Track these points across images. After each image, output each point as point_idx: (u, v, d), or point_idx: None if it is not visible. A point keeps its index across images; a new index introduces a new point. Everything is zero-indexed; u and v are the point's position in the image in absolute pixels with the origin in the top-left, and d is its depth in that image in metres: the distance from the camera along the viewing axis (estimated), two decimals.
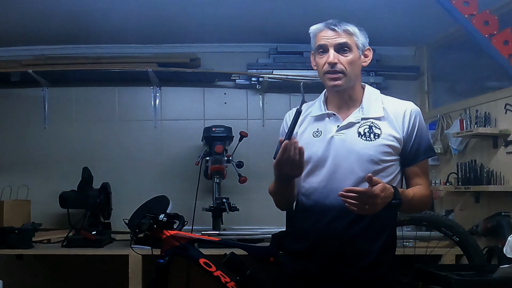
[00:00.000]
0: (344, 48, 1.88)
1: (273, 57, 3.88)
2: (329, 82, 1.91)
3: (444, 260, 3.01)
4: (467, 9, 2.70)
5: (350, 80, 1.91)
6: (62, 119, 3.87)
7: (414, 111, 1.92)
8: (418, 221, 2.83)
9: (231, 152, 3.49)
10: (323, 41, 1.89)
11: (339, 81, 1.89)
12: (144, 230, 2.38)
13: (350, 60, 1.88)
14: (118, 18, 3.30)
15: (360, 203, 1.67)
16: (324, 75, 1.91)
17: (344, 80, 1.89)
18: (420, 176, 1.92)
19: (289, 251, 2.00)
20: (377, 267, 1.85)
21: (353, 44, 1.89)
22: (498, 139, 2.99)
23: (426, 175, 1.94)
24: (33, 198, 3.62)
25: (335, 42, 1.88)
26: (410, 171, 1.93)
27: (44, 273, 3.68)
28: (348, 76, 1.89)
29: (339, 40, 1.87)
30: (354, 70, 1.90)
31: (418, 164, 1.92)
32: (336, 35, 1.88)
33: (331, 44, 1.88)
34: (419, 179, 1.92)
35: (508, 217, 2.82)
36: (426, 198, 1.92)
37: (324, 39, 1.89)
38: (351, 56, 1.89)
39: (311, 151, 1.90)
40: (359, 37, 1.91)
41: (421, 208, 1.99)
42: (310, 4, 3.06)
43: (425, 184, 1.93)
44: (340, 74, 1.88)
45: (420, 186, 1.91)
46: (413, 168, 1.92)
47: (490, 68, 3.08)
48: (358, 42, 1.90)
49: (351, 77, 1.90)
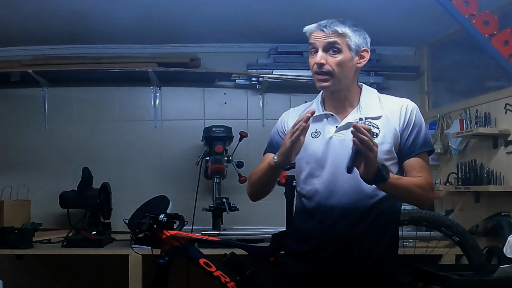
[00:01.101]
0: (333, 48, 1.85)
1: (273, 57, 3.88)
2: (317, 83, 1.90)
3: (444, 260, 3.01)
4: (467, 9, 2.70)
5: (340, 81, 1.88)
6: (62, 119, 3.87)
7: (410, 106, 1.90)
8: (418, 221, 2.83)
9: (231, 152, 3.49)
10: (313, 41, 1.89)
11: (326, 83, 1.87)
12: (144, 230, 2.38)
13: (338, 61, 1.85)
14: (118, 18, 3.30)
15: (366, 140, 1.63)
16: (313, 75, 1.90)
17: (331, 82, 1.86)
18: (417, 170, 1.86)
19: (292, 252, 1.99)
20: (381, 266, 1.85)
21: (344, 45, 1.86)
22: (498, 139, 2.99)
23: (424, 169, 1.88)
24: (33, 198, 3.62)
25: (323, 42, 1.86)
26: (407, 164, 1.88)
27: (44, 273, 3.68)
28: (336, 77, 1.86)
29: (327, 40, 1.85)
30: (344, 72, 1.87)
31: (415, 158, 1.87)
32: (325, 36, 1.86)
33: (320, 44, 1.86)
34: (417, 173, 1.86)
35: (508, 217, 2.82)
36: (421, 186, 1.83)
37: (314, 39, 1.89)
38: (340, 57, 1.85)
39: (311, 151, 1.90)
40: (351, 38, 1.87)
41: (416, 196, 1.85)
42: (310, 4, 3.06)
43: (424, 176, 1.86)
44: (327, 76, 1.86)
45: (415, 178, 1.85)
46: (410, 162, 1.87)
47: (490, 68, 3.08)
48: (350, 43, 1.86)
49: (340, 78, 1.87)
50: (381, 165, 1.70)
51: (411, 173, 1.88)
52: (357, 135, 1.63)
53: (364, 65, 1.95)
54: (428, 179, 1.89)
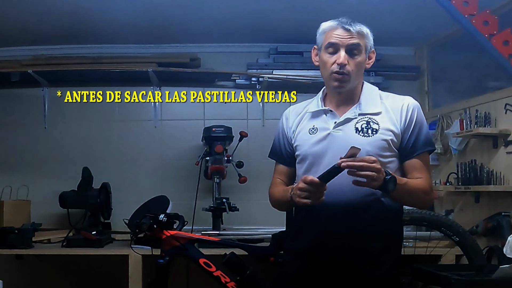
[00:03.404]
0: (355, 50, 1.85)
1: (273, 57, 3.87)
2: (333, 82, 1.88)
3: (444, 260, 3.01)
4: (467, 9, 2.69)
5: (354, 83, 1.89)
6: (62, 119, 3.87)
7: (412, 105, 1.89)
8: (418, 221, 2.83)
9: (231, 152, 3.49)
10: (335, 40, 1.85)
11: (346, 83, 1.87)
12: (144, 230, 2.38)
13: (358, 62, 1.86)
14: (118, 18, 3.30)
15: (369, 172, 1.64)
16: (330, 75, 1.87)
17: (349, 82, 1.87)
18: (419, 171, 1.86)
19: (290, 250, 1.99)
20: (380, 265, 1.83)
21: (363, 46, 1.86)
22: (498, 139, 2.99)
23: (425, 170, 1.88)
24: (33, 198, 3.62)
25: (347, 43, 1.84)
26: (408, 165, 1.88)
27: (44, 273, 3.68)
28: (352, 79, 1.87)
29: (352, 41, 1.84)
30: (359, 73, 1.89)
31: (416, 158, 1.87)
32: (349, 36, 1.84)
33: (343, 44, 1.84)
34: (418, 173, 1.86)
35: (508, 217, 2.82)
36: (424, 191, 1.85)
37: (336, 37, 1.85)
38: (359, 59, 1.86)
39: (308, 148, 1.90)
40: (369, 39, 1.88)
41: (419, 200, 1.90)
42: (310, 4, 3.06)
43: (425, 177, 1.86)
44: (347, 76, 1.85)
45: (418, 179, 1.85)
46: (411, 162, 1.87)
47: (490, 68, 3.08)
48: (368, 44, 1.88)
49: (354, 80, 1.88)
50: (388, 178, 1.69)
51: (412, 173, 1.88)
52: (357, 173, 1.65)
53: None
54: (429, 180, 1.90)
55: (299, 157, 1.95)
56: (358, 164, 1.65)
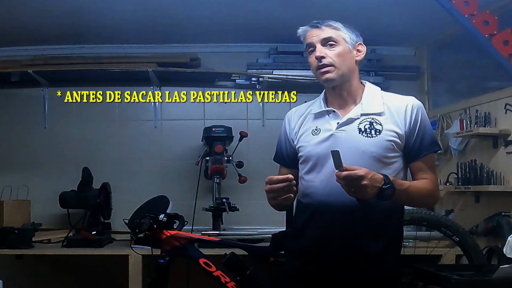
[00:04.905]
0: (330, 42, 1.89)
1: (273, 57, 3.88)
2: (321, 77, 1.91)
3: (444, 260, 3.01)
4: (467, 9, 2.69)
5: (343, 73, 1.90)
6: (62, 119, 3.87)
7: (416, 106, 1.89)
8: (418, 221, 2.83)
9: (231, 152, 3.49)
10: (310, 39, 1.92)
11: (330, 74, 1.88)
12: (144, 230, 2.38)
13: (337, 53, 1.89)
14: (118, 18, 3.30)
15: (347, 186, 1.66)
16: (316, 72, 1.92)
17: (335, 73, 1.88)
18: (425, 171, 1.88)
19: (290, 250, 1.99)
20: (381, 266, 1.83)
21: (339, 38, 1.90)
22: (498, 139, 2.99)
23: (431, 170, 1.90)
24: (33, 198, 3.62)
25: (320, 38, 1.90)
26: (414, 166, 1.90)
27: (44, 273, 3.68)
28: (338, 68, 1.88)
29: (323, 35, 1.89)
30: (345, 63, 1.89)
31: (422, 159, 1.88)
32: (320, 31, 1.91)
33: (317, 40, 1.90)
34: (424, 174, 1.88)
35: (508, 217, 2.82)
36: (429, 192, 1.87)
37: (310, 37, 1.92)
38: (338, 49, 1.89)
39: (311, 149, 1.90)
40: (344, 31, 1.91)
41: (424, 202, 1.94)
42: (310, 4, 3.06)
43: (430, 178, 1.88)
44: (330, 67, 1.88)
45: (423, 180, 1.87)
46: (418, 163, 1.88)
47: (490, 68, 3.08)
48: (345, 36, 1.91)
49: (342, 69, 1.89)
50: (382, 187, 1.69)
51: (418, 174, 1.89)
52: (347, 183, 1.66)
53: (364, 64, 1.96)
54: (435, 181, 1.91)
55: (302, 158, 1.94)
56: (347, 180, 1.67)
